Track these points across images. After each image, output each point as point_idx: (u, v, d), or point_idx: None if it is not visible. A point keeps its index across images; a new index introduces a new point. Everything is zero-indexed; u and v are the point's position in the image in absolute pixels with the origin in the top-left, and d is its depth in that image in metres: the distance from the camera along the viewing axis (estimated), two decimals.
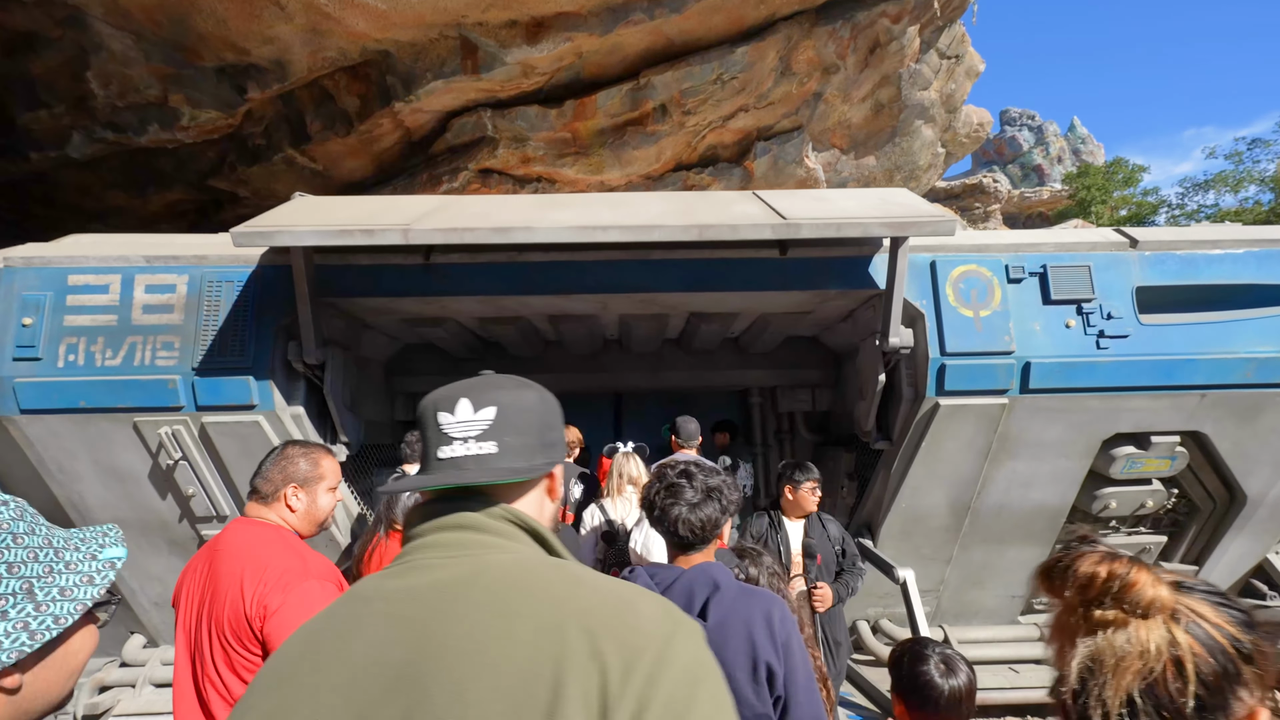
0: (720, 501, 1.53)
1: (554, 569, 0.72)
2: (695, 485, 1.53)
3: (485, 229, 2.40)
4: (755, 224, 2.43)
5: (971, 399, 3.04)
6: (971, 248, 3.12)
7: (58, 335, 2.95)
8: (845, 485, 3.88)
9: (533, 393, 0.87)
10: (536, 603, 0.64)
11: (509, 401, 0.83)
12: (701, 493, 1.52)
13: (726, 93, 7.37)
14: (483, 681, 0.58)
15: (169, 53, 5.78)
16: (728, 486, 1.58)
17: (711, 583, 1.41)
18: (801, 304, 3.34)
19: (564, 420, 0.97)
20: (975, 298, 3.06)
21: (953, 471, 3.25)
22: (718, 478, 1.59)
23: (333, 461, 1.94)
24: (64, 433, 3.03)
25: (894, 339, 2.96)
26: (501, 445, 0.80)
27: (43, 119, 5.94)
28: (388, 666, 0.61)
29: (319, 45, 5.96)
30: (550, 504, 0.89)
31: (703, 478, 1.56)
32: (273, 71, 6.12)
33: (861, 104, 8.94)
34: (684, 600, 1.40)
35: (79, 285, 3.00)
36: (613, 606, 0.65)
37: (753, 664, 1.31)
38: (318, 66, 6.22)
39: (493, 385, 0.85)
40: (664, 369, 4.34)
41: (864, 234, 2.46)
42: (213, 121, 6.55)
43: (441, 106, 7.10)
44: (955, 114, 9.95)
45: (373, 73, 6.56)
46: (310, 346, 2.89)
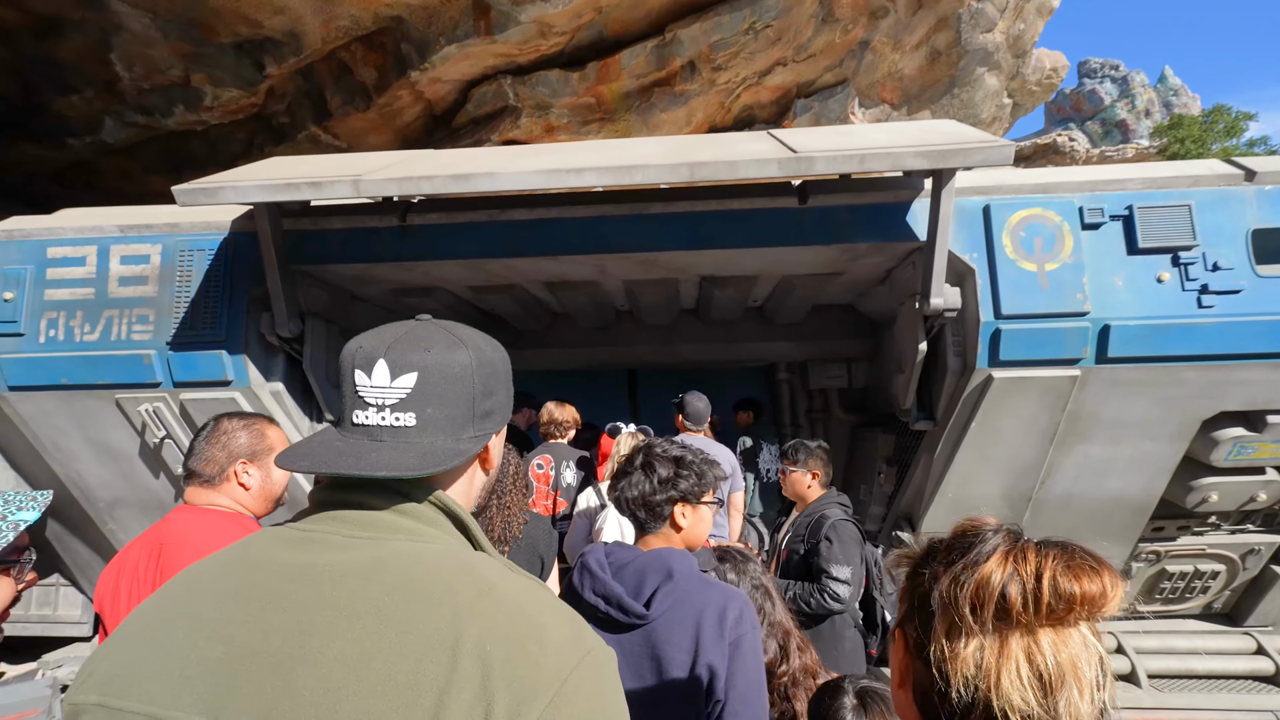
0: (676, 483, 1.39)
1: (463, 571, 0.65)
2: (650, 464, 1.41)
3: (444, 177, 2.09)
4: (758, 160, 2.02)
5: (1033, 370, 2.53)
6: (1035, 188, 2.59)
7: (39, 310, 2.86)
8: (883, 471, 3.42)
9: (466, 353, 0.76)
10: (434, 612, 0.59)
11: (434, 365, 0.72)
12: (654, 471, 1.41)
13: (760, 44, 6.78)
14: (359, 700, 0.53)
15: (186, 29, 5.74)
16: (691, 468, 1.42)
17: (665, 569, 1.30)
18: (828, 263, 2.89)
19: (511, 380, 0.85)
20: (1040, 248, 2.53)
21: (1010, 456, 2.76)
22: (686, 456, 1.45)
23: (278, 431, 1.78)
24: (53, 410, 2.96)
25: (936, 300, 2.48)
26: (422, 418, 0.71)
27: (75, 104, 6.06)
28: (262, 656, 0.56)
29: (330, 13, 5.79)
30: (482, 476, 0.83)
31: (663, 455, 1.44)
32: (288, 44, 6.01)
33: (914, 52, 8.11)
34: (634, 585, 1.31)
35: (57, 258, 2.90)
36: (517, 629, 0.60)
37: (693, 661, 1.21)
38: (332, 37, 6.07)
39: (419, 343, 0.74)
40: (679, 342, 3.97)
41: (895, 167, 2.01)
42: (236, 101, 6.53)
43: (460, 75, 6.85)
44: (1024, 58, 8.92)
45: (388, 41, 6.36)
46: (282, 318, 2.68)
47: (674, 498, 1.39)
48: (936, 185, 2.35)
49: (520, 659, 0.57)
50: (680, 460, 1.43)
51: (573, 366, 4.27)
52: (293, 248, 2.78)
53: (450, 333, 0.77)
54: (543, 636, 0.60)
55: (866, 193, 2.62)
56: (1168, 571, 3.20)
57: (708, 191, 2.69)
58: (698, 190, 2.71)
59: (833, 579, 2.41)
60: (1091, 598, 0.60)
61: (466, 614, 0.59)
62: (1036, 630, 0.61)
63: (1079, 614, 0.61)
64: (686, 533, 1.41)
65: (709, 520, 1.47)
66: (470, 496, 0.80)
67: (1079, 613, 0.61)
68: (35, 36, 5.52)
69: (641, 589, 1.29)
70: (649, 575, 1.30)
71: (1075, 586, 0.60)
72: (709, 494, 1.46)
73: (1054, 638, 0.61)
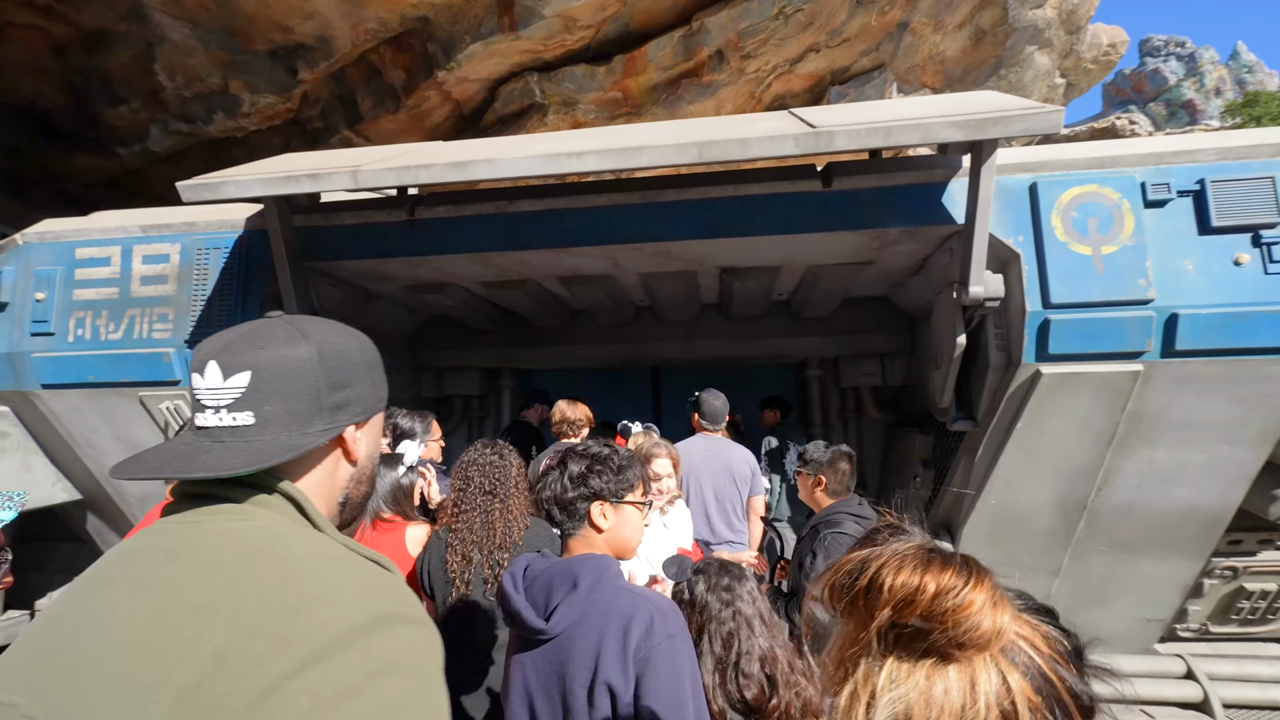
0: (588, 480, 1.29)
1: (267, 545, 0.67)
2: (565, 461, 1.34)
3: (441, 165, 2.01)
4: (773, 137, 1.86)
5: (1088, 365, 2.29)
6: (1090, 162, 2.33)
7: (68, 309, 2.94)
8: (919, 475, 3.19)
9: (306, 347, 0.76)
10: (211, 582, 0.61)
11: (269, 363, 0.73)
12: (567, 469, 1.32)
13: (791, 29, 6.53)
14: (120, 663, 0.56)
15: (224, 38, 5.91)
16: (608, 464, 1.32)
17: (570, 579, 1.18)
18: (857, 251, 2.69)
19: (382, 369, 0.87)
20: (1095, 229, 2.28)
21: (1061, 460, 2.51)
22: (604, 453, 1.35)
23: None
24: (83, 407, 3.04)
25: (976, 288, 2.26)
26: (260, 416, 0.72)
27: (124, 114, 6.31)
28: (64, 634, 0.60)
29: (358, 16, 5.86)
30: (348, 467, 0.82)
31: (580, 453, 1.35)
32: (319, 49, 6.12)
33: (957, 32, 7.68)
34: (543, 597, 1.21)
35: (85, 259, 2.96)
36: (287, 592, 0.61)
37: (592, 680, 1.09)
38: (360, 40, 6.15)
39: (252, 341, 0.74)
40: (702, 338, 3.81)
41: (925, 140, 1.81)
42: (272, 106, 6.70)
43: (487, 74, 6.85)
44: (1079, 35, 8.36)
45: (415, 42, 6.41)
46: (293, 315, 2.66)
47: (587, 494, 1.28)
48: (975, 161, 2.13)
49: (276, 617, 0.58)
50: (597, 457, 1.32)
51: (593, 365, 4.16)
52: (304, 244, 2.76)
53: (294, 328, 0.77)
54: (315, 598, 0.61)
55: (897, 173, 2.41)
56: (1246, 590, 2.87)
57: (723, 177, 2.54)
58: (713, 176, 2.56)
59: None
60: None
61: (245, 581, 0.61)
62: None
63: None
64: (609, 535, 1.29)
65: (636, 523, 1.33)
66: (334, 487, 0.81)
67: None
68: (85, 50, 5.78)
69: (549, 600, 1.19)
70: (555, 586, 1.20)
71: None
72: (632, 493, 1.32)
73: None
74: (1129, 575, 2.81)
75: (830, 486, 2.30)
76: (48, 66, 5.93)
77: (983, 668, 0.53)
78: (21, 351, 2.93)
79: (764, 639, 1.37)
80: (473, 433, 4.38)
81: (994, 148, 2.05)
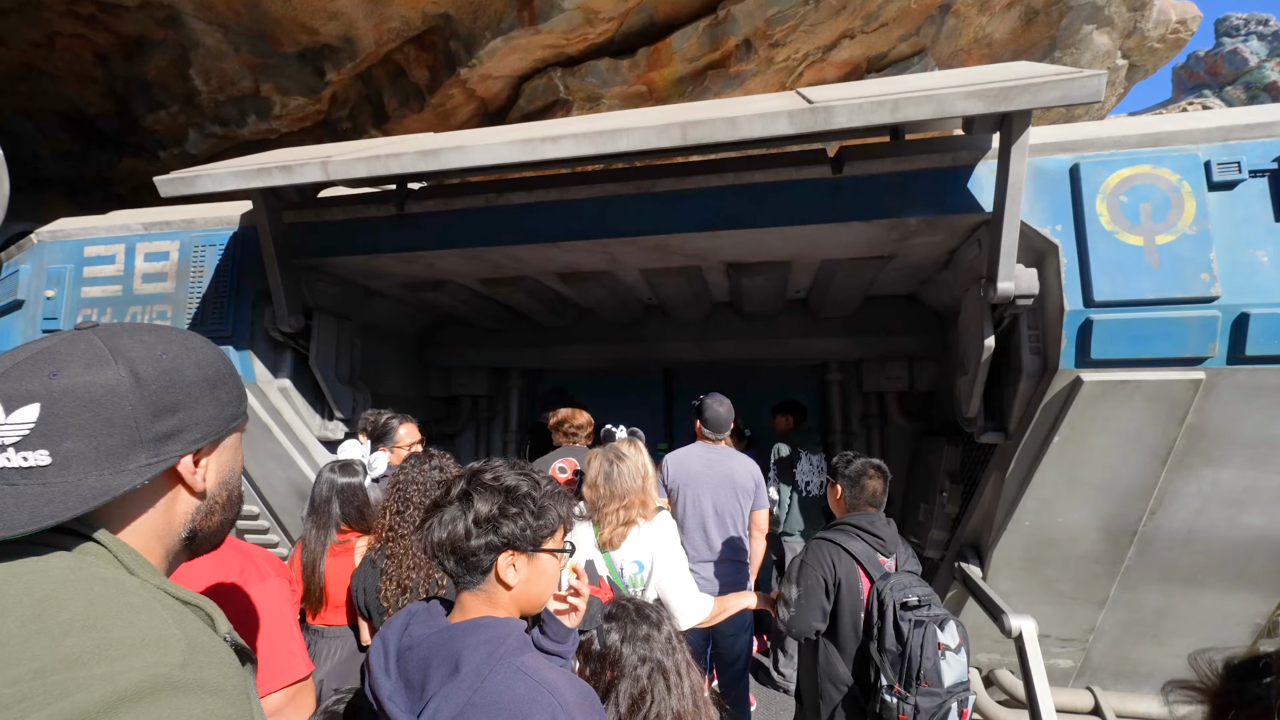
0: (499, 525, 0.98)
1: (40, 596, 0.56)
2: (469, 495, 1.01)
3: (411, 154, 1.89)
4: (764, 114, 1.66)
5: (1138, 372, 2.00)
6: (1142, 139, 2.04)
7: (75, 307, 2.97)
8: (946, 490, 2.91)
9: (114, 371, 0.64)
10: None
11: (64, 392, 0.62)
12: (471, 506, 0.99)
13: (822, 14, 6.23)
14: None
15: (254, 42, 6.02)
16: (525, 502, 1.01)
17: (452, 661, 0.89)
18: (873, 243, 2.45)
19: (236, 382, 0.78)
20: (1148, 216, 1.99)
21: (1106, 479, 2.21)
22: (521, 487, 1.03)
23: None
24: None
25: (1005, 284, 2.01)
26: (59, 454, 0.61)
27: (163, 119, 6.53)
28: None
29: (381, 15, 5.87)
30: (190, 500, 0.72)
31: (491, 484, 1.02)
32: (344, 49, 6.17)
33: (1006, 12, 7.19)
34: (418, 678, 0.91)
35: (93, 256, 2.99)
36: (50, 656, 0.53)
37: None
38: (385, 39, 6.17)
39: (41, 365, 0.63)
40: (715, 338, 3.61)
41: (940, 113, 1.58)
42: (302, 108, 6.81)
43: (510, 70, 6.78)
44: (1143, 11, 7.70)
45: (438, 40, 6.39)
46: (283, 312, 2.61)
47: (496, 544, 0.97)
48: (1005, 140, 1.88)
49: (24, 680, 0.51)
50: (512, 491, 1.00)
51: (601, 366, 4.02)
52: (297, 241, 2.70)
53: (103, 344, 0.65)
54: (80, 659, 0.53)
55: (915, 157, 2.17)
56: None
57: (725, 165, 2.35)
58: (714, 164, 2.37)
59: (780, 598, 2.06)
60: None
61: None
62: None
63: None
64: (519, 593, 1.00)
65: (553, 575, 1.06)
66: (171, 525, 0.71)
67: None
68: (125, 57, 5.98)
69: (425, 684, 0.90)
70: (433, 666, 0.91)
71: None
72: (552, 539, 1.04)
73: None
74: (1188, 610, 2.49)
75: (845, 498, 2.11)
76: (92, 74, 6.18)
77: None
78: None
79: (677, 697, 1.16)
80: (481, 433, 4.30)
81: (1025, 123, 1.80)
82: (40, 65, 6.13)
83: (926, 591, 1.87)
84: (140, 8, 5.62)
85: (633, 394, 4.54)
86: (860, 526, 2.04)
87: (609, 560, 2.03)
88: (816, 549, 2.02)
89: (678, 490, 2.64)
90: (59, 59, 6.01)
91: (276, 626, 1.28)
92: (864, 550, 2.00)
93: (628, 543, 2.03)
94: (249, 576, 1.33)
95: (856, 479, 2.08)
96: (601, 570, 2.01)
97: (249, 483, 3.12)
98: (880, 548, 2.03)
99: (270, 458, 2.97)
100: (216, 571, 1.33)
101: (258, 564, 1.36)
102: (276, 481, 3.08)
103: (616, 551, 2.03)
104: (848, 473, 2.09)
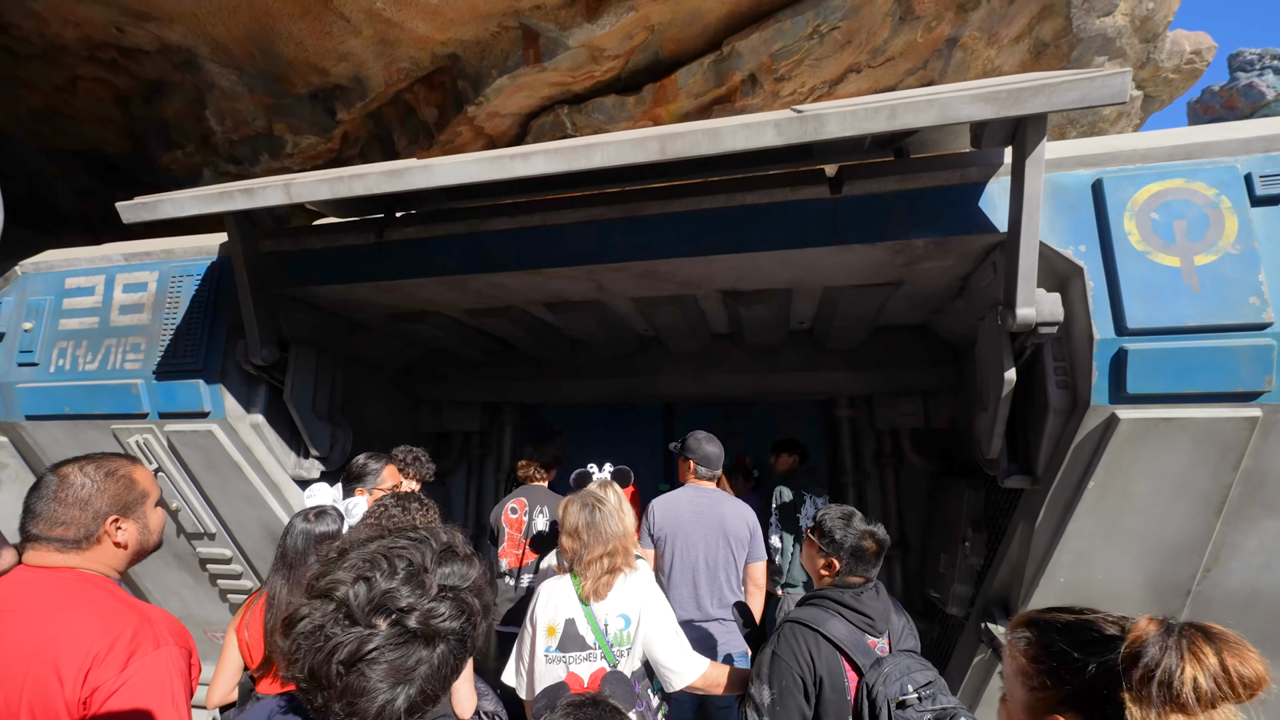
0: (434, 644, 0.73)
1: None
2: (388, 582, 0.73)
3: (376, 175, 1.78)
4: (748, 125, 1.52)
5: (1183, 408, 1.77)
6: (1173, 151, 1.85)
7: (52, 339, 2.89)
8: (969, 539, 2.64)
9: None
10: None
11: None
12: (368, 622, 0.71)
13: (827, 48, 6.23)
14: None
15: (267, 83, 6.17)
16: (465, 601, 0.77)
17: None
18: (877, 269, 2.28)
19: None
20: (1184, 234, 1.79)
21: (1151, 531, 1.95)
22: (458, 574, 0.78)
23: (145, 471, 1.49)
24: (63, 439, 2.96)
25: (1025, 310, 1.81)
26: None
27: (179, 158, 6.67)
28: None
29: (390, 56, 5.99)
30: None
31: (435, 564, 0.77)
32: (354, 89, 6.29)
33: (1014, 45, 7.15)
34: None
35: (73, 288, 2.93)
36: None
37: None
38: (394, 79, 6.28)
39: None
40: (714, 372, 3.42)
41: (941, 119, 1.42)
42: (314, 147, 6.92)
43: (517, 108, 6.86)
44: (1155, 43, 7.62)
45: (446, 80, 6.50)
46: (255, 344, 2.49)
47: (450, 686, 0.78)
48: (1018, 153, 1.71)
49: None
50: (455, 599, 0.76)
51: (596, 400, 3.84)
52: (274, 270, 2.61)
53: None
54: None
55: (921, 174, 2.01)
56: None
57: (716, 187, 2.21)
58: (704, 186, 2.23)
59: (748, 701, 1.67)
60: (1261, 679, 0.68)
61: None
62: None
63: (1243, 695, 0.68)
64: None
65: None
66: None
67: (1243, 694, 0.68)
68: (144, 99, 6.16)
69: None
70: None
71: (1251, 670, 0.68)
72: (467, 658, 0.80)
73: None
74: None
75: (840, 566, 1.77)
76: (112, 115, 6.36)
77: None
78: (9, 382, 2.90)
79: None
80: (473, 471, 4.12)
81: (1040, 133, 1.63)
82: (62, 108, 6.34)
83: (929, 678, 1.51)
84: (159, 52, 5.81)
85: (630, 429, 4.34)
86: (843, 603, 1.70)
87: (591, 616, 1.81)
88: (790, 638, 1.67)
89: (664, 539, 2.40)
90: (81, 101, 6.20)
91: (160, 702, 1.10)
92: (848, 634, 1.64)
93: (614, 593, 1.81)
94: (141, 642, 1.15)
95: (850, 548, 1.76)
96: (583, 628, 1.79)
97: (220, 525, 2.95)
98: (869, 628, 1.67)
99: (241, 498, 2.81)
100: (106, 633, 1.16)
101: (154, 628, 1.19)
102: (249, 523, 2.91)
103: (601, 604, 1.81)
104: (839, 539, 1.74)
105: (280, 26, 5.33)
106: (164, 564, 3.32)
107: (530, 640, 1.81)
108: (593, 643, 1.75)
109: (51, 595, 1.24)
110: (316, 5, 5.11)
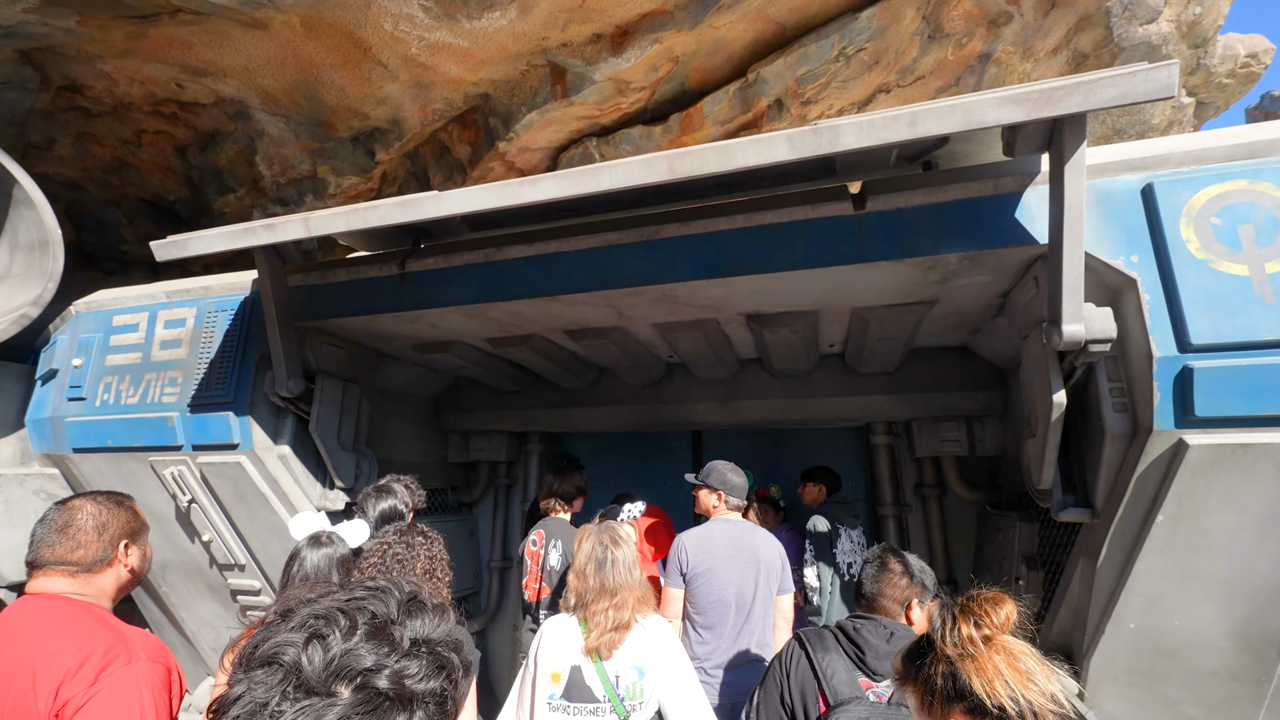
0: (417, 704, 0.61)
1: None
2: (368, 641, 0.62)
3: (389, 206, 1.80)
4: (758, 140, 1.46)
5: (1263, 433, 1.58)
6: (1233, 151, 1.70)
7: (99, 375, 3.02)
8: (1024, 578, 2.42)
9: None
10: None
11: None
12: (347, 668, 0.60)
13: (854, 70, 6.18)
14: None
15: (313, 129, 6.51)
16: (441, 656, 0.66)
17: None
18: (908, 287, 2.16)
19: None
20: (1251, 240, 1.62)
21: (1235, 571, 1.73)
22: (438, 633, 0.67)
23: (132, 503, 1.61)
24: (107, 471, 3.06)
25: (1073, 328, 1.66)
26: None
27: (231, 202, 7.06)
28: None
29: (425, 98, 6.24)
30: None
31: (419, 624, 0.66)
32: (391, 131, 6.57)
33: (1052, 58, 6.95)
34: None
35: (120, 325, 3.06)
36: None
37: None
38: (429, 120, 6.54)
39: None
40: (743, 398, 3.30)
41: (966, 124, 1.33)
42: (355, 187, 7.23)
43: (546, 142, 7.02)
44: (1205, 48, 7.28)
45: (478, 118, 6.72)
46: (281, 376, 2.53)
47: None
48: (1056, 160, 1.60)
49: None
50: (431, 662, 0.65)
51: (622, 428, 3.77)
52: (301, 303, 2.66)
53: None
54: None
55: (949, 186, 1.90)
56: None
57: (733, 208, 2.15)
58: (721, 208, 2.17)
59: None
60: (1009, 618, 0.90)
61: None
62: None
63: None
64: None
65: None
66: None
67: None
68: (200, 148, 6.57)
69: None
70: None
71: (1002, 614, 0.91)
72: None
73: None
74: None
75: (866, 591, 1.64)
76: (172, 164, 6.80)
77: None
78: (59, 416, 3.03)
79: None
80: (499, 501, 4.07)
81: (1079, 136, 1.52)
82: (129, 159, 6.82)
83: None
84: (215, 104, 6.22)
85: (658, 458, 4.23)
86: (842, 629, 1.55)
87: (600, 666, 1.69)
88: (776, 661, 1.56)
89: (698, 577, 2.27)
90: (145, 152, 6.67)
91: (128, 715, 1.09)
92: (840, 665, 1.48)
93: (622, 650, 1.69)
94: (113, 657, 1.19)
95: (871, 575, 1.61)
96: (591, 679, 1.68)
97: (250, 556, 2.98)
98: (860, 663, 1.49)
99: (268, 529, 2.83)
100: (80, 650, 1.19)
101: (129, 645, 1.22)
102: (275, 555, 2.92)
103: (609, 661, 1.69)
104: (865, 570, 1.62)
105: (323, 75, 5.62)
106: (198, 595, 3.36)
107: (531, 682, 1.71)
108: (602, 695, 1.64)
109: (41, 619, 1.29)
110: (356, 54, 5.38)
